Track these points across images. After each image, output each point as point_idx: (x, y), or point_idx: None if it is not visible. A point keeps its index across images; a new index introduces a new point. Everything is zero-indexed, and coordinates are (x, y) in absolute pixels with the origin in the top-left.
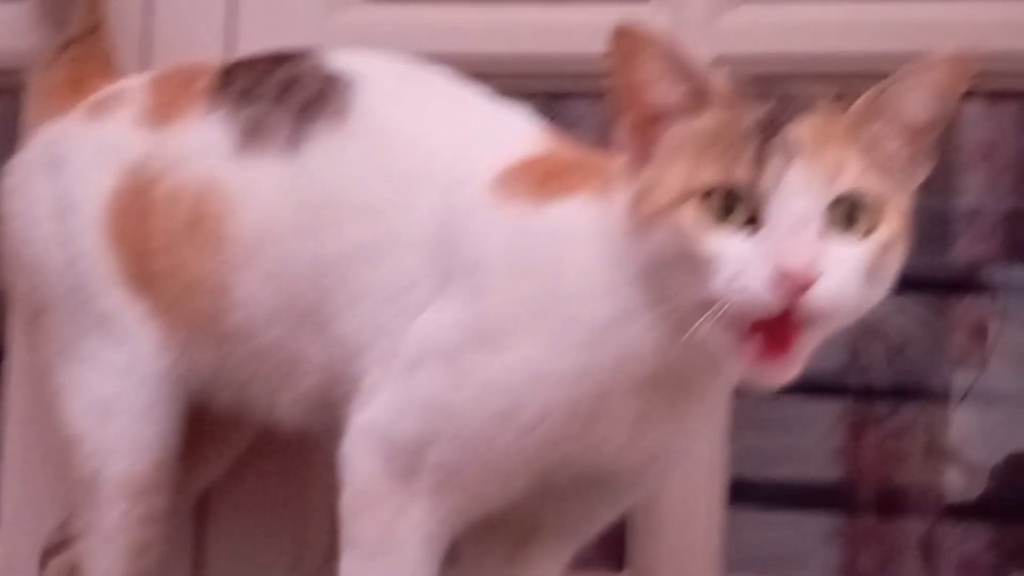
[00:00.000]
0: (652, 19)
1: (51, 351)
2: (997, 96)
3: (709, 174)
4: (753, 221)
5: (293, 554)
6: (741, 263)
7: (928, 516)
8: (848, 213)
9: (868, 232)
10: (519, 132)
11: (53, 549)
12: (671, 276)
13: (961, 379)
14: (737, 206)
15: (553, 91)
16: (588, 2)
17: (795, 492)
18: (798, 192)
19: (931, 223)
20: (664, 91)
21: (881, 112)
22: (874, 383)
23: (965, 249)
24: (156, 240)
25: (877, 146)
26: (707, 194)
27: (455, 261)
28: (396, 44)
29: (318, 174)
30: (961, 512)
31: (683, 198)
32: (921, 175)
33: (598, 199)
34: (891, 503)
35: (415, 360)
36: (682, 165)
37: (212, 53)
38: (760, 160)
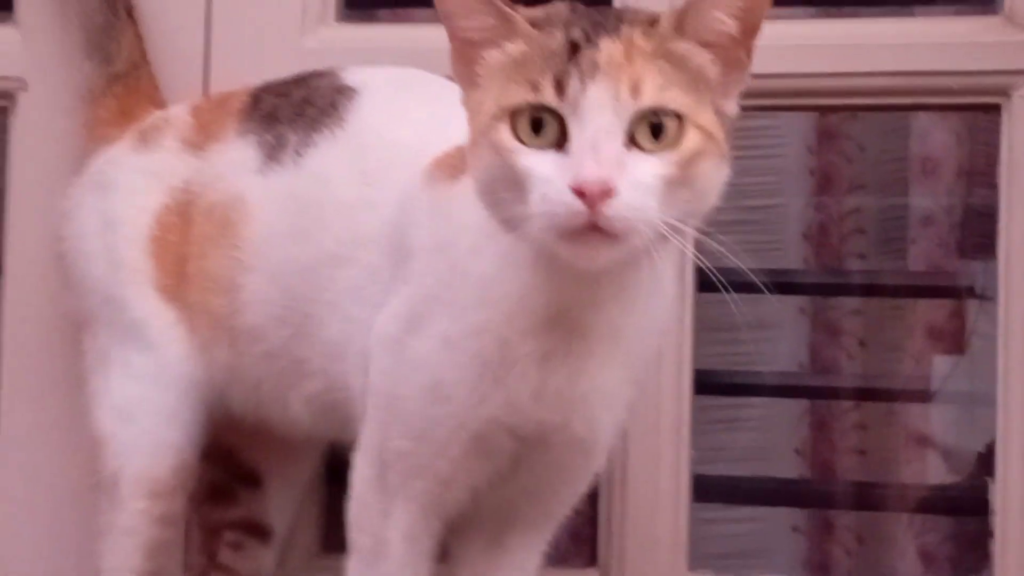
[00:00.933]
0: None
1: (91, 358)
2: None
3: (517, 95)
4: (562, 139)
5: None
6: (549, 179)
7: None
8: (653, 128)
9: (672, 145)
10: None
11: None
12: (499, 191)
13: (937, 375)
14: (546, 125)
15: None
16: None
17: (759, 488)
18: (598, 109)
19: (890, 227)
20: (473, 23)
21: (685, 30)
22: (836, 382)
23: (924, 252)
24: (192, 247)
25: (683, 63)
26: (516, 114)
27: (402, 251)
28: (368, 64)
29: (312, 179)
30: (928, 504)
31: (497, 118)
32: (736, 87)
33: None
34: (855, 497)
35: (373, 354)
36: (495, 89)
37: (187, 73)
38: (562, 80)
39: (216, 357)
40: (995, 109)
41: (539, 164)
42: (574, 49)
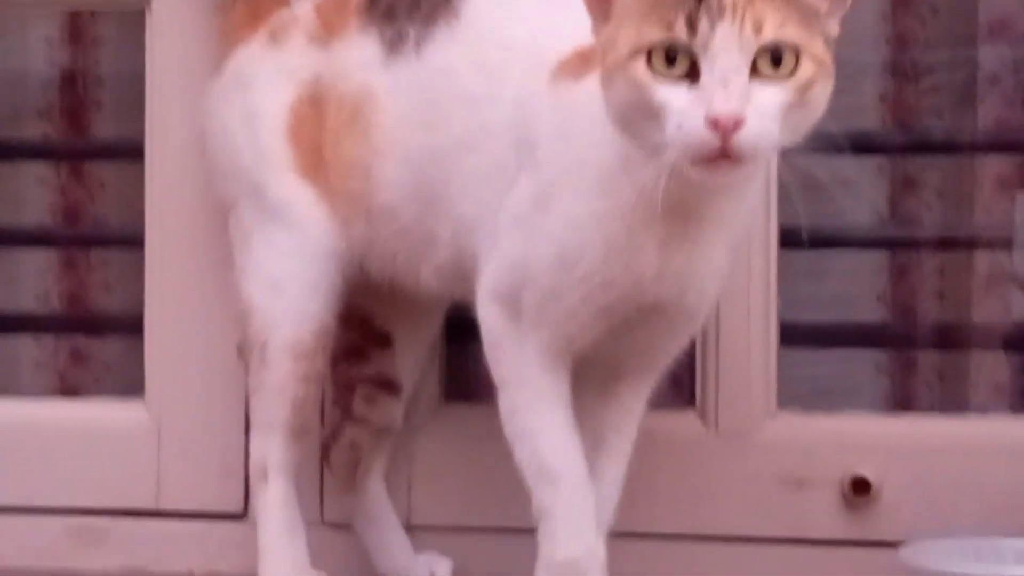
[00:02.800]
0: None
1: (238, 239)
2: None
3: (652, 34)
4: (693, 72)
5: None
6: (683, 111)
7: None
8: (773, 59)
9: (790, 74)
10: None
11: (329, 440)
12: (635, 120)
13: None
14: (678, 59)
15: None
16: None
17: (843, 331)
18: (725, 47)
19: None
20: None
21: None
22: (916, 234)
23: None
24: (327, 135)
25: (797, 2)
26: (652, 50)
27: (524, 144)
28: None
29: (433, 71)
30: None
31: (633, 54)
32: (839, 10)
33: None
34: (934, 337)
35: (505, 230)
36: (631, 26)
37: None
38: (693, 20)
39: (355, 232)
40: None
41: (674, 96)
42: None
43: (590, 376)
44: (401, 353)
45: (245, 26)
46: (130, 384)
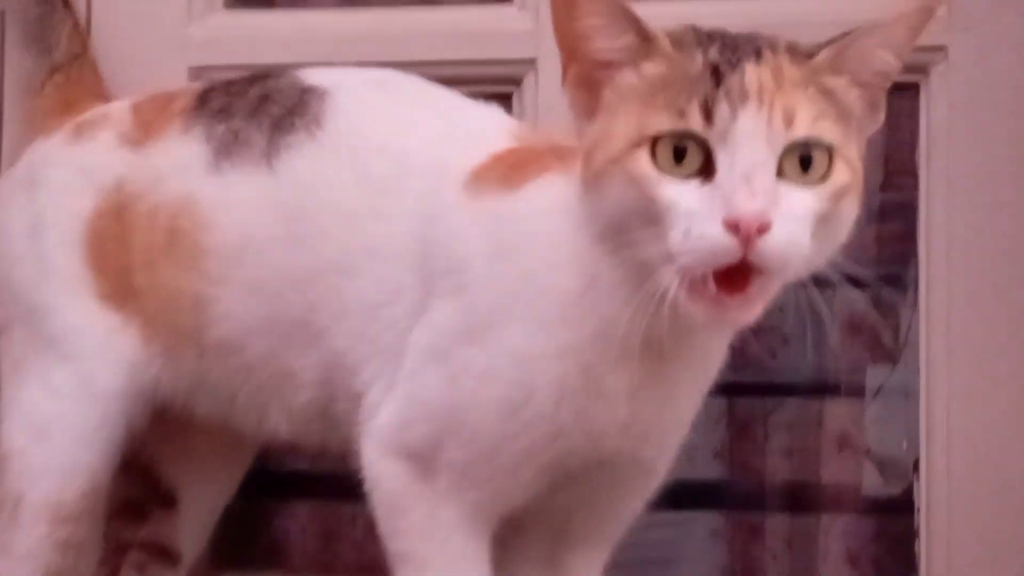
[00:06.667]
0: None
1: (6, 368)
2: None
3: (659, 121)
4: (707, 168)
5: None
6: (695, 213)
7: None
8: (802, 160)
9: (822, 179)
10: (490, 130)
11: None
12: (630, 229)
13: (874, 376)
14: (689, 153)
15: None
16: (455, 5)
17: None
18: (750, 138)
19: None
20: (608, 41)
21: (846, 66)
22: (758, 379)
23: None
24: (136, 257)
25: (832, 96)
26: (657, 141)
27: (437, 265)
28: (256, 52)
29: (296, 184)
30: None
31: (634, 146)
32: (876, 124)
33: (562, 175)
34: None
35: (415, 366)
36: (631, 114)
37: None
38: (710, 106)
39: (182, 367)
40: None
41: (683, 196)
42: (717, 73)
43: (532, 547)
44: (186, 516)
45: (53, 115)
46: None
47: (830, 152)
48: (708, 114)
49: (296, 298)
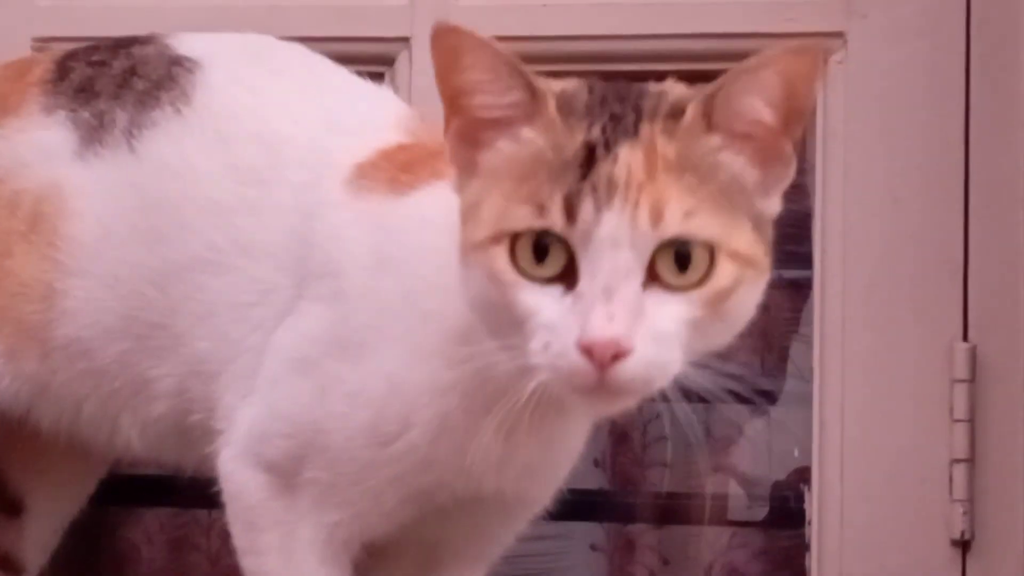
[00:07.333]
0: None
1: None
2: None
3: (520, 215)
4: (571, 270)
5: None
6: (555, 327)
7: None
8: (679, 257)
9: (700, 282)
10: (378, 119)
11: None
12: (495, 321)
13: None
14: (552, 252)
15: None
16: None
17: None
18: (613, 244)
19: None
20: (493, 97)
21: (716, 119)
22: None
23: None
24: None
25: (713, 172)
26: (517, 238)
27: (312, 266)
28: (106, 25)
29: (156, 170)
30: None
31: (494, 242)
32: (779, 183)
33: (452, 184)
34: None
35: (278, 373)
36: (499, 197)
37: None
38: (573, 202)
39: (22, 369)
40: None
41: (542, 304)
42: (590, 154)
43: (401, 563)
44: (33, 526)
45: None
46: None
47: (710, 248)
48: (571, 211)
49: (155, 297)
